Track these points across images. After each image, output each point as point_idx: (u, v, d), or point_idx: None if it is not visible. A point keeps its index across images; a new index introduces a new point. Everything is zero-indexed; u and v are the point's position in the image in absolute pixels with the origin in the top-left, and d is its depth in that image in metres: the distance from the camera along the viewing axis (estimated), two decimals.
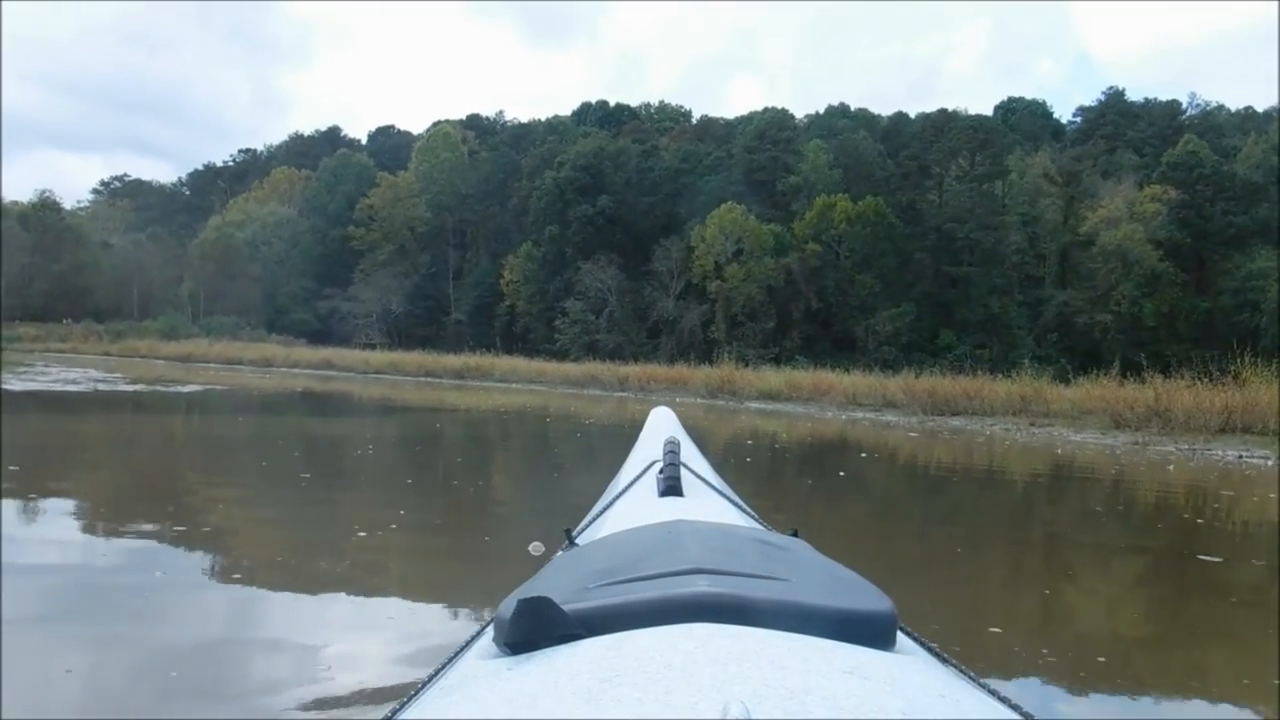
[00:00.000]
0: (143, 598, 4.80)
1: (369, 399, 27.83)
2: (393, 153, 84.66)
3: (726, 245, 54.26)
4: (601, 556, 1.28)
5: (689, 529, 1.35)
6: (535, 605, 0.95)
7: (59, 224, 76.14)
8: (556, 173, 61.34)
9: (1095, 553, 7.82)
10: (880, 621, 1.00)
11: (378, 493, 9.42)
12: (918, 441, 18.84)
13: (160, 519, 6.80)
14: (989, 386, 25.21)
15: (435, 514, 8.25)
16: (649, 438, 2.82)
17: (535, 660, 0.92)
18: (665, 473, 2.05)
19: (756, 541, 1.31)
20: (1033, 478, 13.79)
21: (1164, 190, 50.91)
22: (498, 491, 10.18)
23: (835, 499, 10.66)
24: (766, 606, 0.95)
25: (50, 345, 57.89)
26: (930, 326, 53.54)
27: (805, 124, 72.78)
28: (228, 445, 14.21)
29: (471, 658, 1.09)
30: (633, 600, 0.98)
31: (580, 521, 2.03)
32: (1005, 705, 0.96)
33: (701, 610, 0.93)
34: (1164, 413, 19.20)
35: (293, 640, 4.34)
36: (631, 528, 1.53)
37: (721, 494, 2.16)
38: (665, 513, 1.68)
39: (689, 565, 1.08)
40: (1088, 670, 4.33)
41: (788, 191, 59.20)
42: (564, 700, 0.75)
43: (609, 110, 79.41)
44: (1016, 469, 14.71)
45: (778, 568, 1.12)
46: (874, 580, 1.12)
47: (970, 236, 53.77)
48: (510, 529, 7.29)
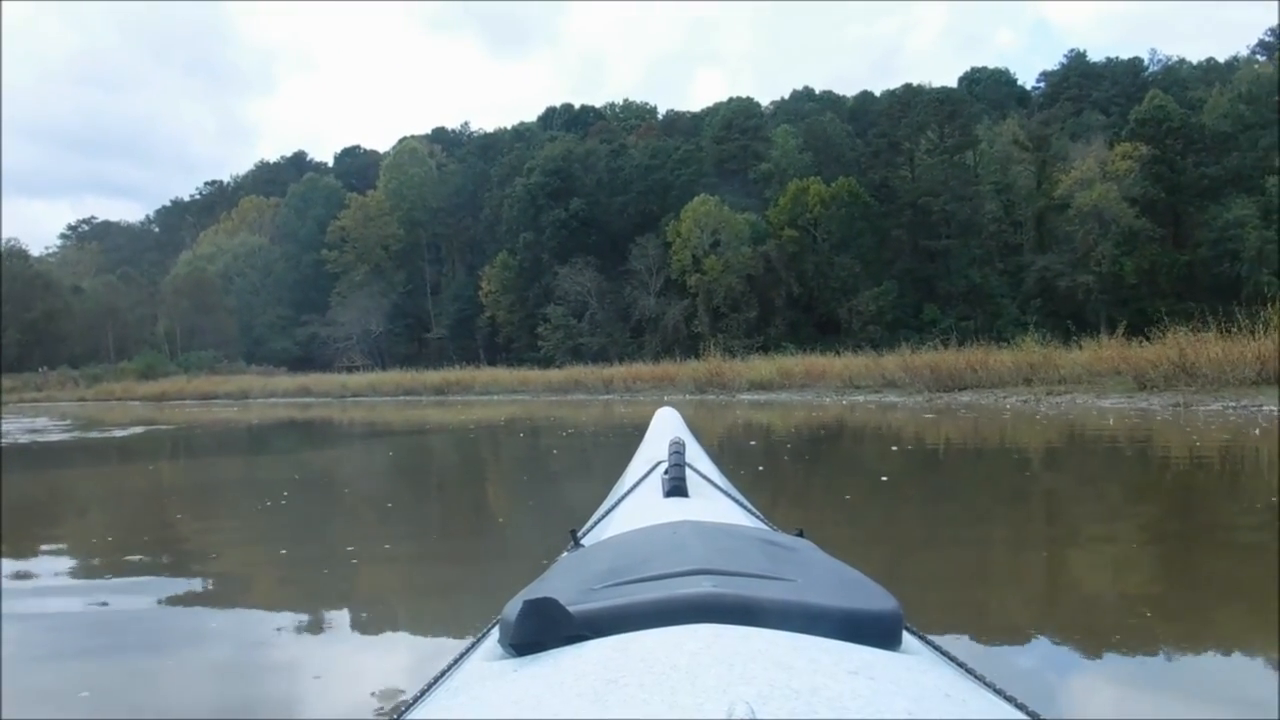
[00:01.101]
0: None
1: (345, 424, 26.94)
2: (361, 173, 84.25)
3: (703, 238, 54.02)
4: (606, 557, 1.28)
5: (694, 530, 1.35)
6: (540, 606, 0.95)
7: (27, 272, 75.36)
8: (526, 179, 61.03)
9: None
10: (886, 621, 1.00)
11: (362, 529, 8.30)
12: (937, 423, 17.36)
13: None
14: (993, 357, 24.29)
15: (427, 548, 7.56)
16: (654, 438, 2.79)
17: (541, 661, 0.92)
18: (670, 473, 2.01)
19: (762, 542, 1.30)
20: (1099, 455, 11.96)
21: (1135, 147, 50.73)
22: (484, 517, 9.25)
23: (889, 509, 8.48)
24: (772, 607, 0.95)
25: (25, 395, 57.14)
26: (913, 302, 53.43)
27: (771, 111, 72.68)
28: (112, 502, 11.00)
29: (477, 659, 1.11)
30: (638, 601, 0.99)
31: (585, 522, 2.06)
32: (1012, 705, 0.96)
33: (707, 611, 0.93)
34: (1190, 369, 18.38)
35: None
36: (637, 528, 1.54)
37: (727, 494, 2.14)
38: (670, 513, 1.67)
39: (694, 566, 1.09)
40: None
41: (759, 179, 59.10)
42: (569, 701, 0.75)
43: (574, 113, 79.00)
44: (1071, 446, 13.24)
45: (783, 568, 1.13)
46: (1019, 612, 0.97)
47: (946, 209, 53.65)
48: (504, 558, 6.79)
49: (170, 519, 9.19)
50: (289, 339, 69.93)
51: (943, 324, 46.64)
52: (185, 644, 4.43)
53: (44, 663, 4.18)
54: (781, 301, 53.68)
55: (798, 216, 54.03)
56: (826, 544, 1.36)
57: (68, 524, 9.34)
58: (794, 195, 54.23)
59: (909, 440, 14.95)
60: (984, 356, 24.32)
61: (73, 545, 7.58)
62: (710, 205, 54.32)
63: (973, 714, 0.81)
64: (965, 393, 22.91)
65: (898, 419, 18.89)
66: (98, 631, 4.76)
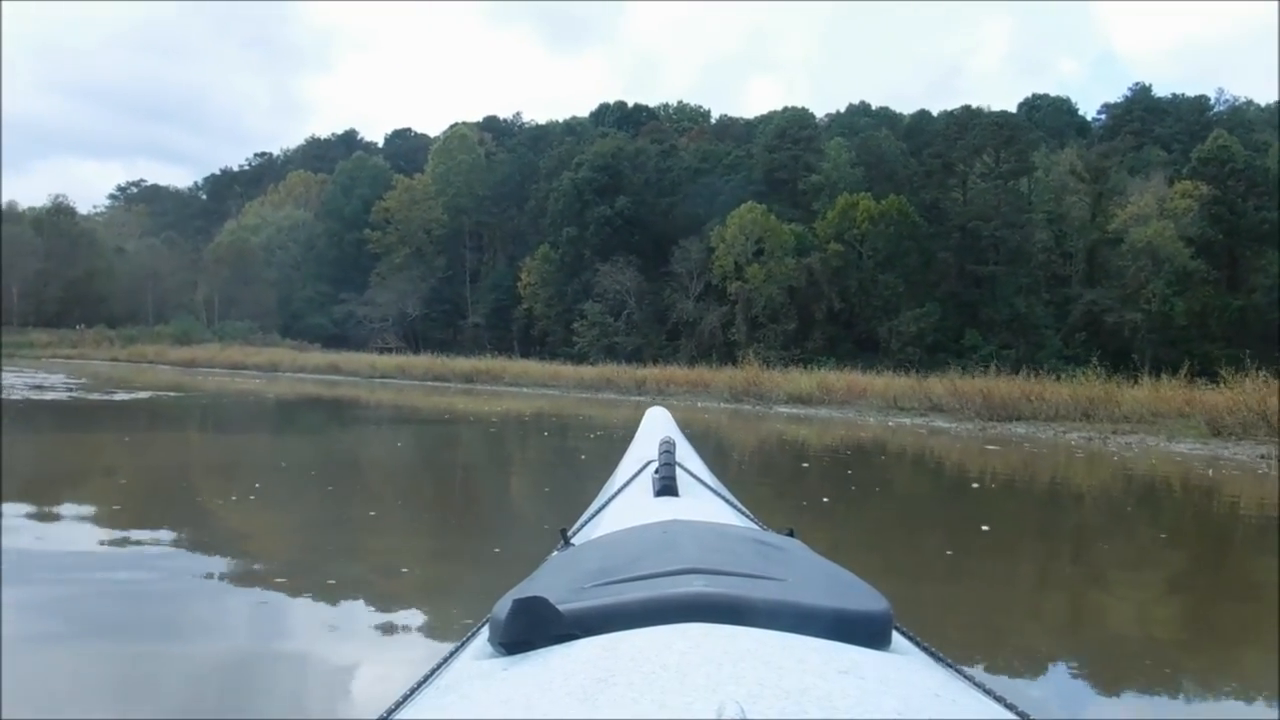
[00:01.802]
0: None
1: (362, 406, 26.47)
2: (409, 155, 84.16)
3: (747, 245, 53.40)
4: (597, 556, 1.28)
5: (684, 529, 1.36)
6: (530, 605, 0.96)
7: (73, 229, 75.87)
8: (574, 174, 60.55)
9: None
10: (876, 621, 1.01)
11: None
12: (1005, 457, 16.02)
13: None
14: (1050, 388, 23.05)
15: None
16: (644, 438, 2.77)
17: (530, 660, 0.92)
18: (660, 473, 2.00)
19: (752, 541, 1.30)
20: (1223, 517, 10.48)
21: (1195, 186, 49.75)
22: (490, 526, 8.32)
23: (1008, 578, 7.08)
24: (762, 606, 0.95)
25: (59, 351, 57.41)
26: (955, 327, 52.53)
27: (826, 123, 71.84)
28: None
29: (466, 658, 1.11)
30: (628, 600, 0.99)
31: (575, 521, 2.04)
32: (1001, 705, 0.97)
33: (697, 610, 0.93)
34: (1268, 417, 17.03)
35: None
36: (627, 528, 1.52)
37: (717, 494, 2.16)
38: (660, 513, 1.66)
39: (684, 565, 1.10)
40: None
41: (809, 190, 58.29)
42: (559, 700, 0.75)
43: (627, 111, 78.55)
44: (1187, 502, 11.62)
45: (773, 567, 1.13)
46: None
47: (995, 235, 52.75)
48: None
49: (107, 503, 8.17)
50: (325, 316, 69.79)
51: (983, 351, 45.80)
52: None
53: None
54: (821, 315, 52.93)
55: (845, 231, 53.29)
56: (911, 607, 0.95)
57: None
58: (842, 209, 53.49)
59: (985, 476, 13.57)
60: (1040, 387, 23.21)
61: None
62: (757, 213, 53.69)
63: (962, 714, 0.82)
64: (1018, 424, 21.80)
65: (957, 448, 17.77)
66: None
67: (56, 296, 71.92)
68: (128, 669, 4.08)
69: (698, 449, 2.62)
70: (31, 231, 72.20)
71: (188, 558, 6.17)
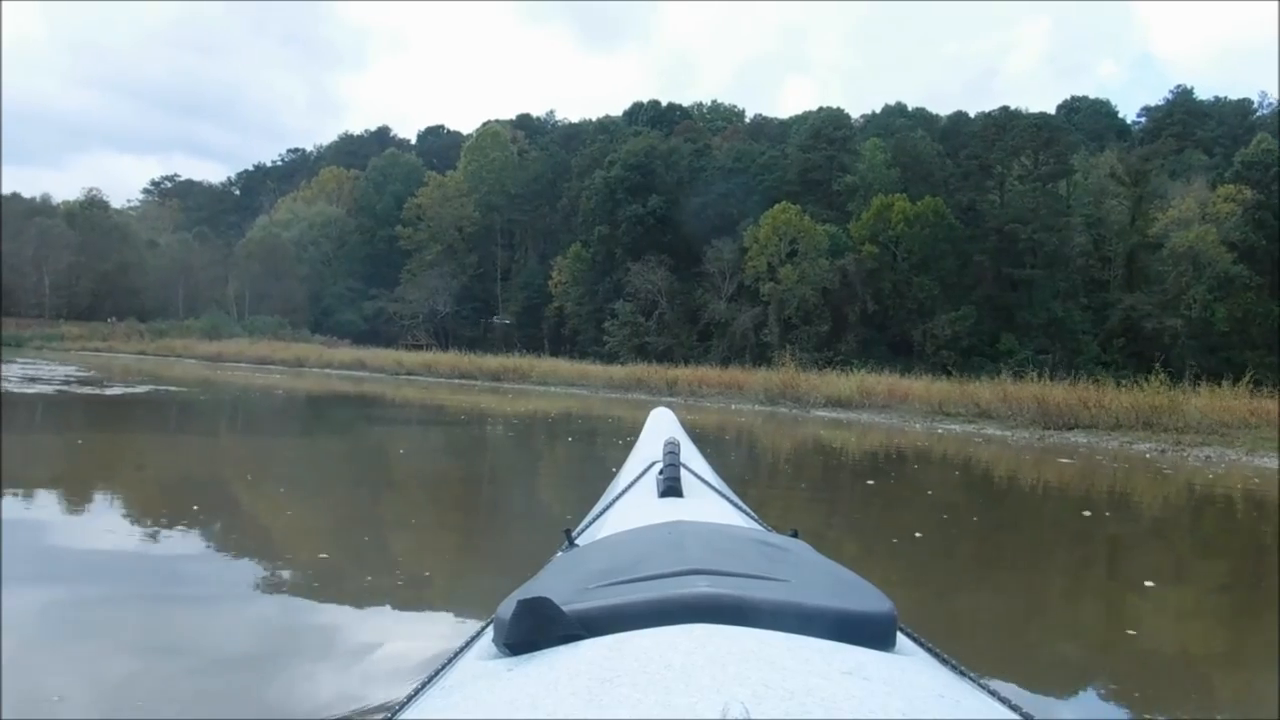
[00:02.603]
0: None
1: (377, 404, 25.51)
2: (442, 153, 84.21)
3: (780, 246, 52.91)
4: (601, 557, 1.29)
5: (689, 530, 1.36)
6: (535, 606, 0.96)
7: (106, 222, 76.24)
8: (607, 172, 60.22)
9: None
10: (880, 622, 1.01)
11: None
12: (1088, 475, 14.14)
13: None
14: (1109, 395, 21.80)
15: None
16: (649, 438, 2.79)
17: (535, 661, 0.92)
18: (665, 473, 2.03)
19: (756, 542, 1.31)
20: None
21: (1238, 190, 48.90)
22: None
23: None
24: (766, 607, 0.95)
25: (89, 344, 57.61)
26: (991, 330, 51.89)
27: (861, 124, 71.19)
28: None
29: (471, 658, 1.12)
30: (632, 601, 0.99)
31: (580, 522, 2.03)
32: (1005, 706, 0.97)
33: (701, 611, 0.93)
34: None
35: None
36: (631, 528, 1.53)
37: (721, 494, 2.16)
38: (665, 513, 1.68)
39: (689, 566, 1.10)
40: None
41: (843, 191, 57.73)
42: (564, 701, 0.76)
43: (660, 110, 78.09)
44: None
45: (778, 568, 1.13)
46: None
47: (1033, 238, 51.99)
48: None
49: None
50: (356, 312, 69.84)
51: (1019, 355, 45.10)
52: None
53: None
54: (855, 318, 52.39)
55: (880, 233, 52.74)
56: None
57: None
58: (878, 211, 52.93)
59: (1086, 500, 11.14)
60: (1099, 394, 22.04)
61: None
62: (791, 213, 53.19)
63: (966, 714, 0.82)
64: (1076, 432, 20.71)
65: (1027, 461, 16.36)
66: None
67: (89, 289, 72.28)
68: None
69: (734, 456, 2.47)
70: (65, 224, 72.59)
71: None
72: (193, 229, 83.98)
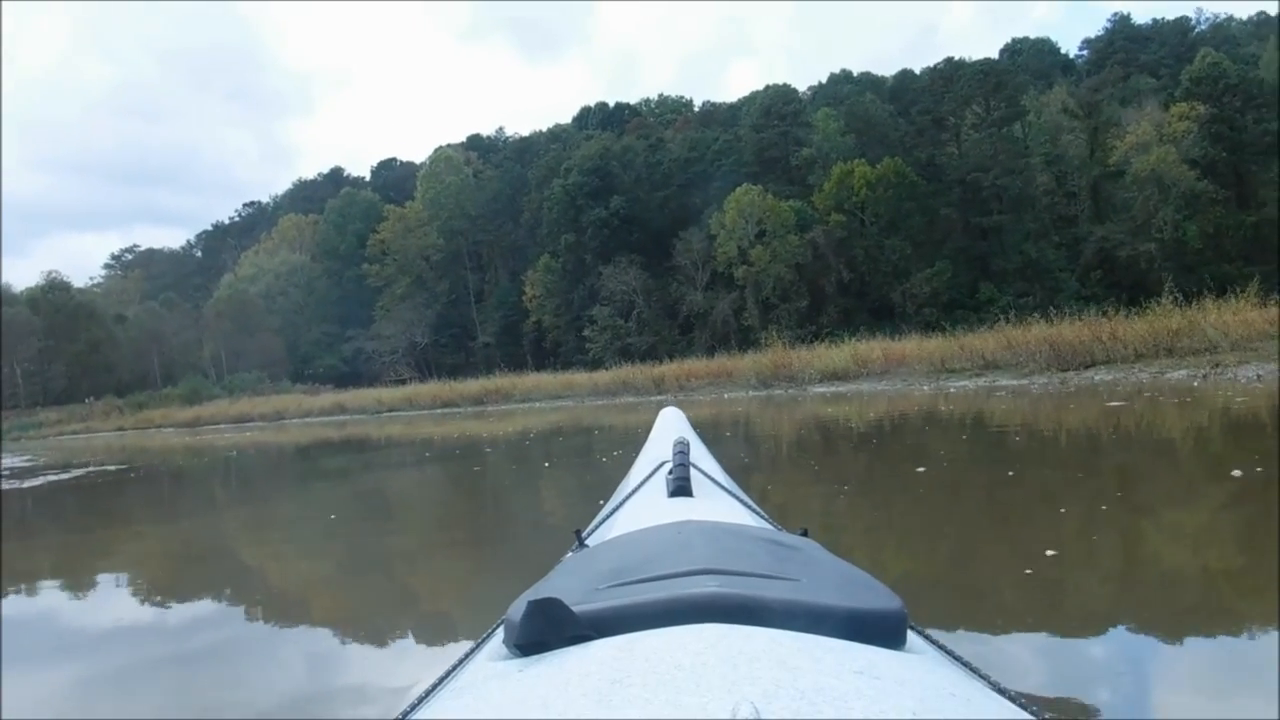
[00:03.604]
0: None
1: (367, 446, 23.90)
2: (398, 185, 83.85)
3: (748, 228, 52.75)
4: (611, 557, 1.29)
5: (698, 529, 1.37)
6: (545, 607, 0.96)
7: (69, 303, 75.49)
8: (564, 180, 59.98)
9: None
10: (890, 621, 1.01)
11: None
12: (1134, 414, 13.04)
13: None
14: (1122, 326, 21.12)
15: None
16: (658, 438, 2.79)
17: (545, 661, 0.92)
18: (674, 473, 2.01)
19: (766, 541, 1.31)
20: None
21: (1191, 107, 48.83)
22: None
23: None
24: (776, 606, 0.95)
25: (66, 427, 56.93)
26: (968, 282, 51.81)
27: (810, 96, 71.12)
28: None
29: (482, 659, 1.13)
30: (642, 601, 0.99)
31: (590, 522, 2.02)
32: (1016, 705, 0.96)
33: (711, 611, 0.93)
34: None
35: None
36: (641, 528, 1.53)
37: (731, 494, 2.15)
38: (675, 513, 1.68)
39: (698, 566, 1.11)
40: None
41: (802, 165, 57.60)
42: (574, 701, 0.75)
43: (609, 111, 77.95)
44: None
45: (787, 568, 1.14)
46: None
47: (996, 184, 52.00)
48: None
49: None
50: (335, 355, 69.46)
51: (1000, 302, 45.11)
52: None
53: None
54: (832, 289, 52.29)
55: (844, 201, 52.62)
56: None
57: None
58: (839, 179, 52.80)
59: (1198, 448, 9.86)
60: (1112, 326, 21.29)
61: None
62: (753, 194, 53.02)
63: (977, 713, 0.82)
64: (1097, 370, 19.87)
65: (1072, 410, 14.61)
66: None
67: (62, 373, 71.58)
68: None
69: (741, 453, 2.61)
70: (29, 311, 71.87)
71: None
72: (159, 297, 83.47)
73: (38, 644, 5.36)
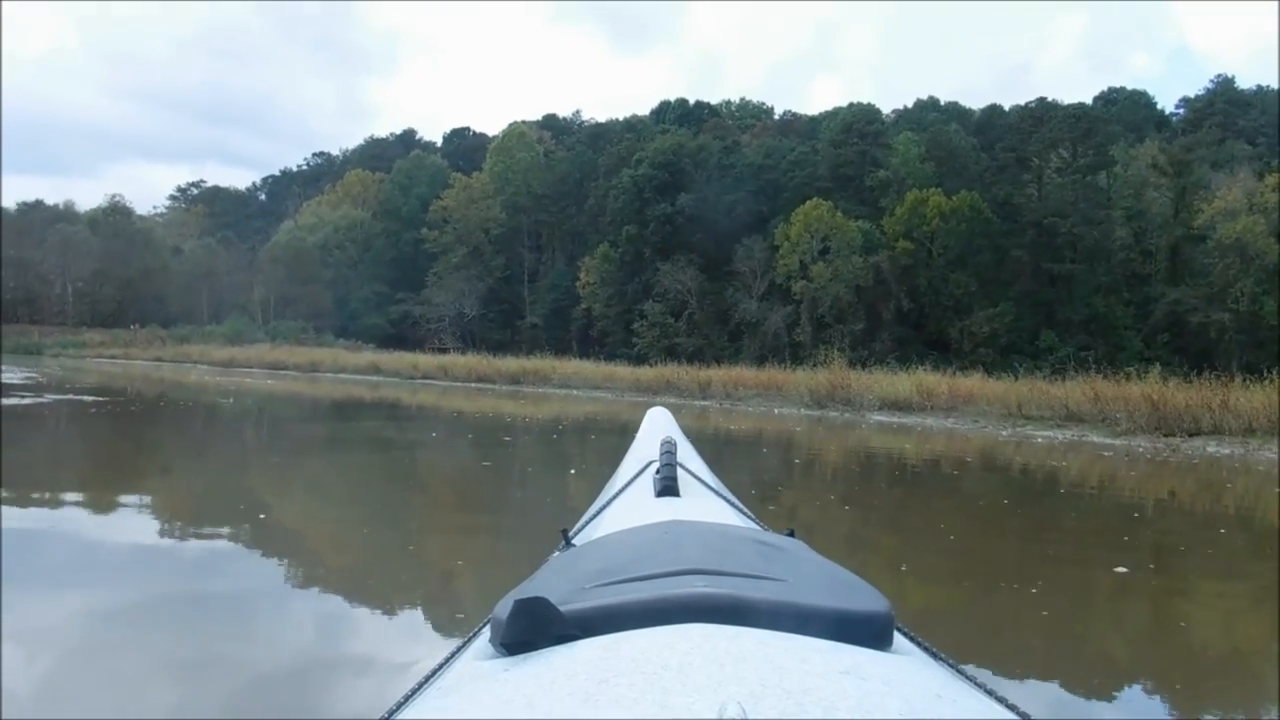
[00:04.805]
0: None
1: (355, 411, 23.08)
2: (468, 154, 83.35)
3: (812, 243, 51.80)
4: (598, 557, 1.29)
5: (686, 529, 1.37)
6: (531, 606, 0.96)
7: (129, 228, 76.06)
8: (634, 171, 59.24)
9: None
10: (877, 622, 1.01)
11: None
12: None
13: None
14: (1233, 394, 19.16)
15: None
16: (645, 438, 2.76)
17: (531, 661, 0.92)
18: (662, 473, 2.01)
19: (753, 542, 1.31)
20: None
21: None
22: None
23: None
24: (763, 607, 0.96)
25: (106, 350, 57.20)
26: (1030, 327, 50.49)
27: (893, 119, 69.94)
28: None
29: (468, 659, 1.12)
30: (629, 601, 1.00)
31: (576, 522, 2.01)
32: (1003, 705, 0.98)
33: (698, 611, 0.94)
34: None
35: None
36: (628, 528, 1.52)
37: (718, 494, 2.15)
38: (662, 513, 1.67)
39: (685, 566, 1.11)
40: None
41: (876, 186, 56.43)
42: (561, 701, 0.76)
43: (688, 108, 76.94)
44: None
45: (774, 568, 1.14)
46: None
47: (1073, 231, 50.58)
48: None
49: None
50: (382, 316, 69.18)
51: (1060, 352, 43.86)
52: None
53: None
54: (890, 316, 51.17)
55: (914, 228, 51.52)
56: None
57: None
58: (912, 206, 51.69)
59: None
60: (1222, 393, 19.23)
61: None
62: (823, 210, 52.06)
63: (964, 714, 0.82)
64: (1204, 439, 17.84)
65: (1249, 488, 12.80)
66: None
67: (113, 296, 72.16)
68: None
69: (818, 491, 2.20)
70: (88, 231, 72.33)
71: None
72: (217, 234, 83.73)
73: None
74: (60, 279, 69.92)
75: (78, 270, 70.11)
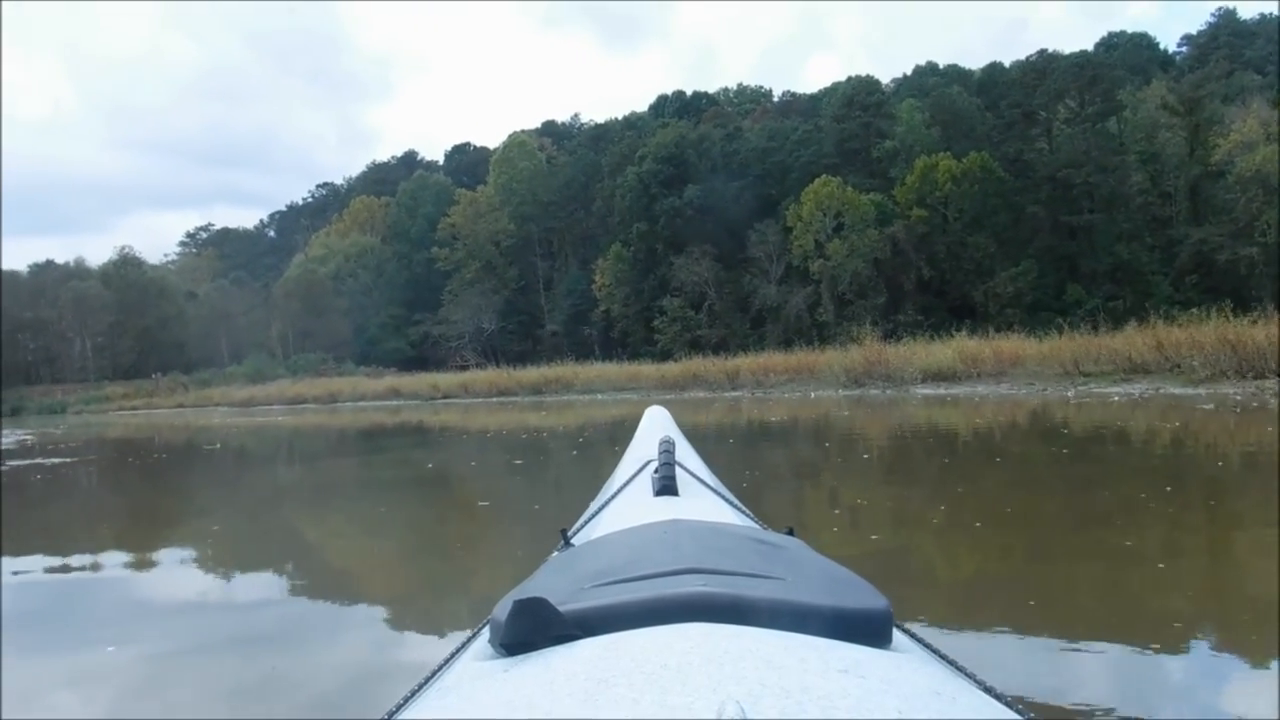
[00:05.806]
0: None
1: (358, 440, 21.53)
2: (471, 169, 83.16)
3: (825, 221, 51.17)
4: (597, 557, 1.29)
5: (684, 529, 1.37)
6: (531, 606, 0.96)
7: (141, 279, 76.14)
8: (638, 167, 58.69)
9: None
10: (876, 619, 1.01)
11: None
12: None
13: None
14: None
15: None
16: (644, 437, 2.80)
17: (531, 661, 0.92)
18: (660, 472, 2.01)
19: (752, 540, 1.31)
20: None
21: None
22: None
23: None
24: (762, 605, 0.95)
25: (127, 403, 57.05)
26: (1055, 282, 49.67)
27: (893, 88, 69.09)
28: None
29: (467, 659, 1.13)
30: (628, 600, 0.99)
31: (575, 522, 2.00)
32: (1001, 702, 0.97)
33: (697, 610, 0.93)
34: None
35: None
36: (627, 528, 1.52)
37: (717, 493, 2.15)
38: (660, 512, 1.68)
39: (684, 565, 1.11)
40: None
41: (884, 157, 55.68)
42: (560, 701, 0.75)
43: (686, 100, 76.29)
44: None
45: (773, 567, 1.14)
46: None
47: (1088, 181, 49.70)
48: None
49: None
50: (402, 339, 68.99)
51: (1088, 305, 43.14)
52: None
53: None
54: (911, 286, 50.45)
55: (926, 195, 50.75)
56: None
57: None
58: (922, 173, 50.93)
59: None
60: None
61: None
62: (832, 186, 51.39)
63: (963, 712, 0.82)
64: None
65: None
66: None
67: (131, 348, 72.20)
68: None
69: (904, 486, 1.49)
70: (101, 286, 72.47)
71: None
72: (229, 275, 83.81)
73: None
74: (78, 336, 70.12)
75: (94, 325, 70.25)
